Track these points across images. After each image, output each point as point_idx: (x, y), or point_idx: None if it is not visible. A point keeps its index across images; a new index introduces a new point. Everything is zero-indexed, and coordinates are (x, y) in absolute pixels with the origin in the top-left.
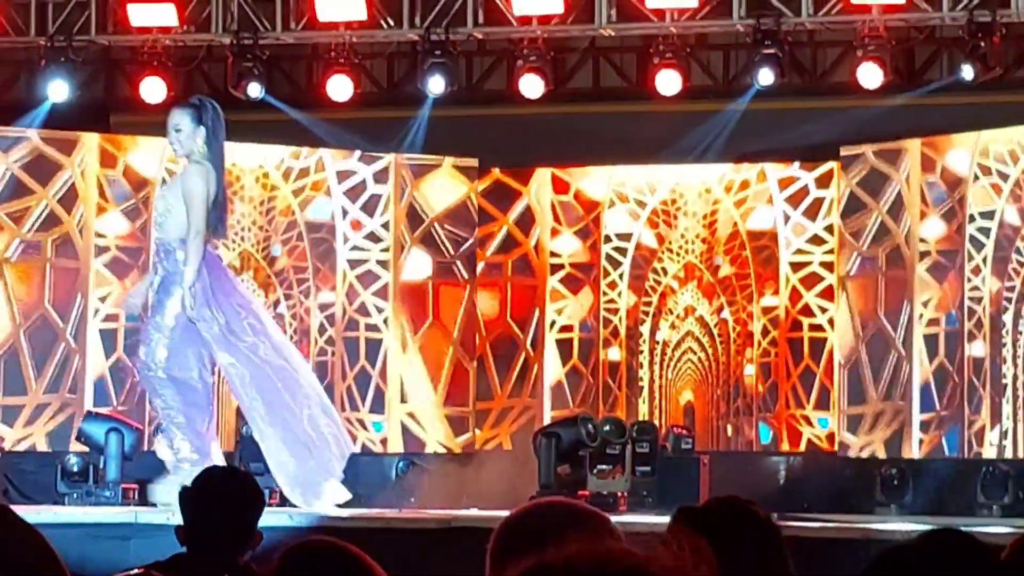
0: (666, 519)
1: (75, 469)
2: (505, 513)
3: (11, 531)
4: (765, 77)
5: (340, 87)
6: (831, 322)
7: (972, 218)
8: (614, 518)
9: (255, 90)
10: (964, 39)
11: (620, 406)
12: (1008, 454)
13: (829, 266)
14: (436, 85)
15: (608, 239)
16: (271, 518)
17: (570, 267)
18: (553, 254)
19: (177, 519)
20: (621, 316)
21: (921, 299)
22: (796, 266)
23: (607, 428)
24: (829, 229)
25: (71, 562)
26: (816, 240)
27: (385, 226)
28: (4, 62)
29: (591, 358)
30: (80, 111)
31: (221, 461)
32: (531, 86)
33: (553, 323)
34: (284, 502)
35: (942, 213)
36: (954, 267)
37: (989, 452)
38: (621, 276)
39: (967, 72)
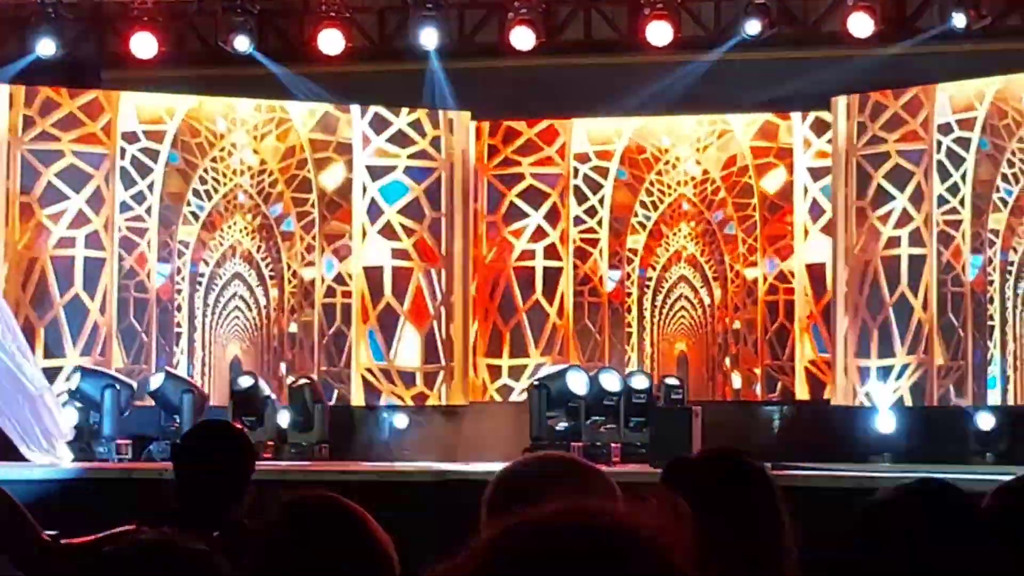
0: (658, 472)
1: (69, 425)
2: (498, 466)
3: None
4: (753, 27)
5: (331, 41)
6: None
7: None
8: (607, 470)
9: (243, 44)
10: None
11: (611, 356)
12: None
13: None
14: (428, 38)
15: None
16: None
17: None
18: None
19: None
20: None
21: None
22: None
23: (601, 379)
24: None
25: (62, 518)
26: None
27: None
28: None
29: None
30: (72, 67)
31: None
32: (522, 38)
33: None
34: None
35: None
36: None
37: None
38: (621, 244)
39: (958, 20)
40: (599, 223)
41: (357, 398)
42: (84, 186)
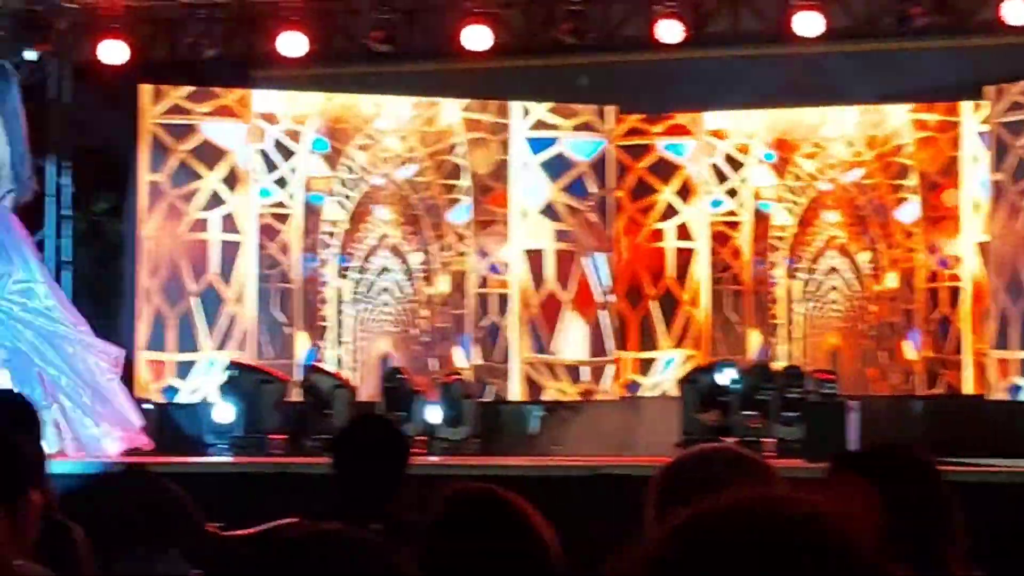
0: (813, 467)
1: (224, 419)
2: (656, 460)
3: (145, 486)
4: (905, 16)
5: (477, 37)
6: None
7: None
8: None
9: (390, 42)
10: None
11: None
12: None
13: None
14: (575, 33)
15: (757, 195)
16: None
17: (715, 217)
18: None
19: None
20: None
21: None
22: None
23: (754, 373)
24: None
25: (220, 512)
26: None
27: (507, 188)
28: (147, 21)
29: (742, 305)
30: (221, 67)
31: None
32: (669, 31)
33: (703, 271)
34: None
35: None
36: None
37: None
38: (765, 230)
39: None
40: (741, 205)
41: (515, 392)
42: (218, 164)
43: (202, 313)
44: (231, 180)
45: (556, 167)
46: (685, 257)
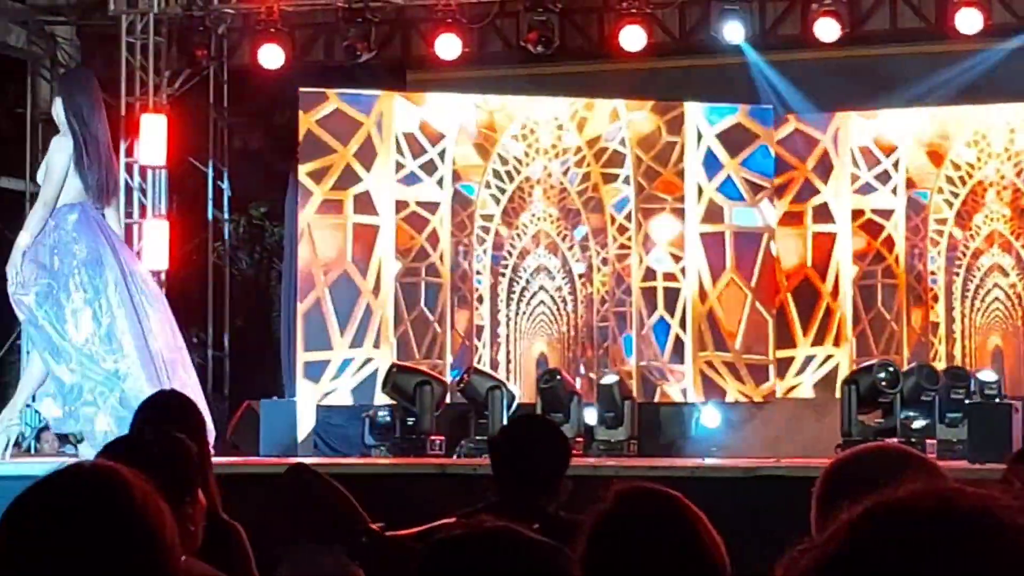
0: (977, 468)
1: (384, 422)
2: (811, 461)
3: (310, 486)
4: None
5: (633, 37)
6: None
7: None
8: None
9: (545, 43)
10: None
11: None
12: None
13: None
14: (732, 32)
15: (911, 184)
16: None
17: (871, 212)
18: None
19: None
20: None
21: None
22: None
23: (916, 374)
24: None
25: (383, 513)
26: None
27: (680, 173)
28: (304, 25)
29: (893, 304)
30: (377, 70)
31: None
32: (827, 29)
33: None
34: None
35: None
36: None
37: None
38: (923, 221)
39: None
40: (893, 191)
41: (690, 392)
42: (352, 136)
43: (367, 312)
44: (388, 180)
45: (733, 140)
46: (828, 247)
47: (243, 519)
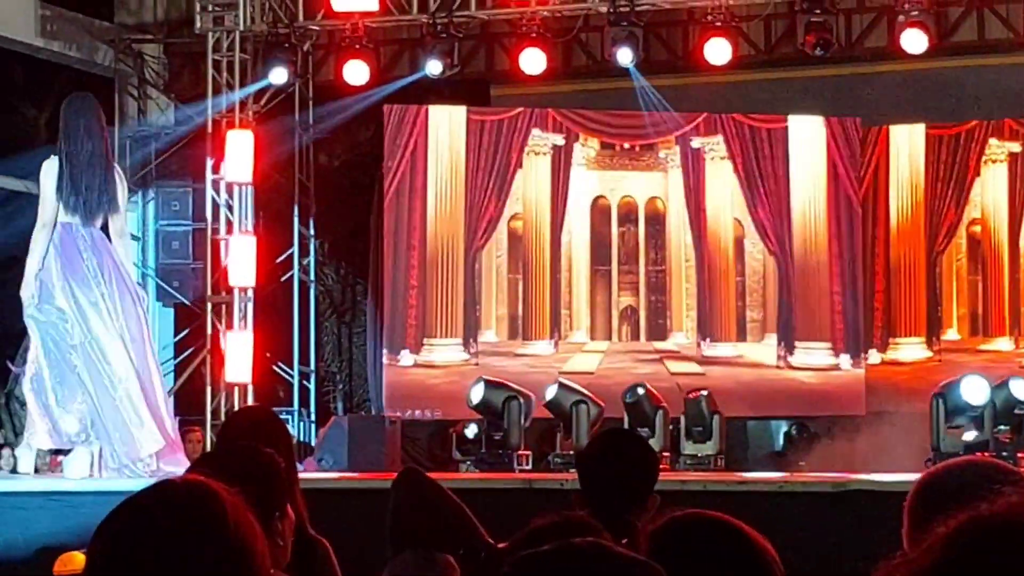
0: None
1: (471, 436)
2: (897, 476)
3: (424, 490)
4: None
5: (718, 51)
6: None
7: None
8: None
9: (626, 57)
10: None
11: None
12: None
13: None
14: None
15: None
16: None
17: None
18: None
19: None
20: None
21: None
22: None
23: (1010, 386)
24: None
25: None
26: None
27: None
28: (389, 40)
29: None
30: (461, 85)
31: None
32: (914, 41)
33: None
34: None
35: None
36: None
37: None
38: None
39: None
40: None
41: None
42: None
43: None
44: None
45: None
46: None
47: (329, 534)
